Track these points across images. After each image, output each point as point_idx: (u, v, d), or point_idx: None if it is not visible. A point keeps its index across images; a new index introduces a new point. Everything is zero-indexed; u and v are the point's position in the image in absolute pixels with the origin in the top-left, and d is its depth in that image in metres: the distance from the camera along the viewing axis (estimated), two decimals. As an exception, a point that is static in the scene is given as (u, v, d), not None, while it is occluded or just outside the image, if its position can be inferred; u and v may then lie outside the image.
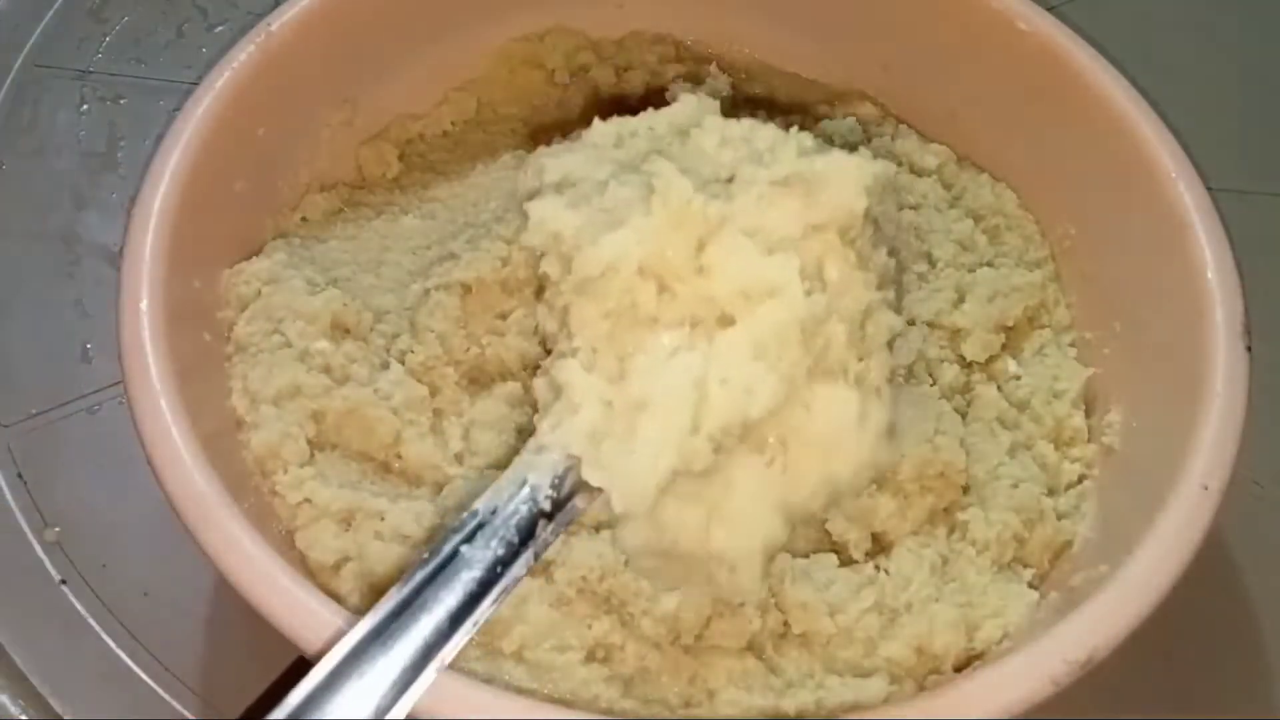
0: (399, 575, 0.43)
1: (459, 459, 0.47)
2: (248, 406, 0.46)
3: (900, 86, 0.59)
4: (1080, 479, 0.48)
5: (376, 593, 0.43)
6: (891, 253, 0.41)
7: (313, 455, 0.46)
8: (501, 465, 0.47)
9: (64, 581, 0.52)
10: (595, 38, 0.61)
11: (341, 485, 0.45)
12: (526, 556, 0.38)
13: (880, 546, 0.47)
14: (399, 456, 0.47)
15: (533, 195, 0.41)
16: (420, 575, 0.37)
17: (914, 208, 0.55)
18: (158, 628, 0.51)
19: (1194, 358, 0.44)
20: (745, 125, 0.41)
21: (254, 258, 0.50)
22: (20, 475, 0.55)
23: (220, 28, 0.71)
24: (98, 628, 0.51)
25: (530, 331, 0.51)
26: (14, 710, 0.48)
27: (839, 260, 0.39)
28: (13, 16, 0.70)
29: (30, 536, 0.53)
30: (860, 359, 0.40)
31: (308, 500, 0.45)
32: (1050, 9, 0.54)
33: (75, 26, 0.70)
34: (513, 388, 0.49)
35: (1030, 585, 0.45)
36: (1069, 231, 0.54)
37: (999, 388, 0.50)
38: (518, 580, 0.37)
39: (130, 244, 0.45)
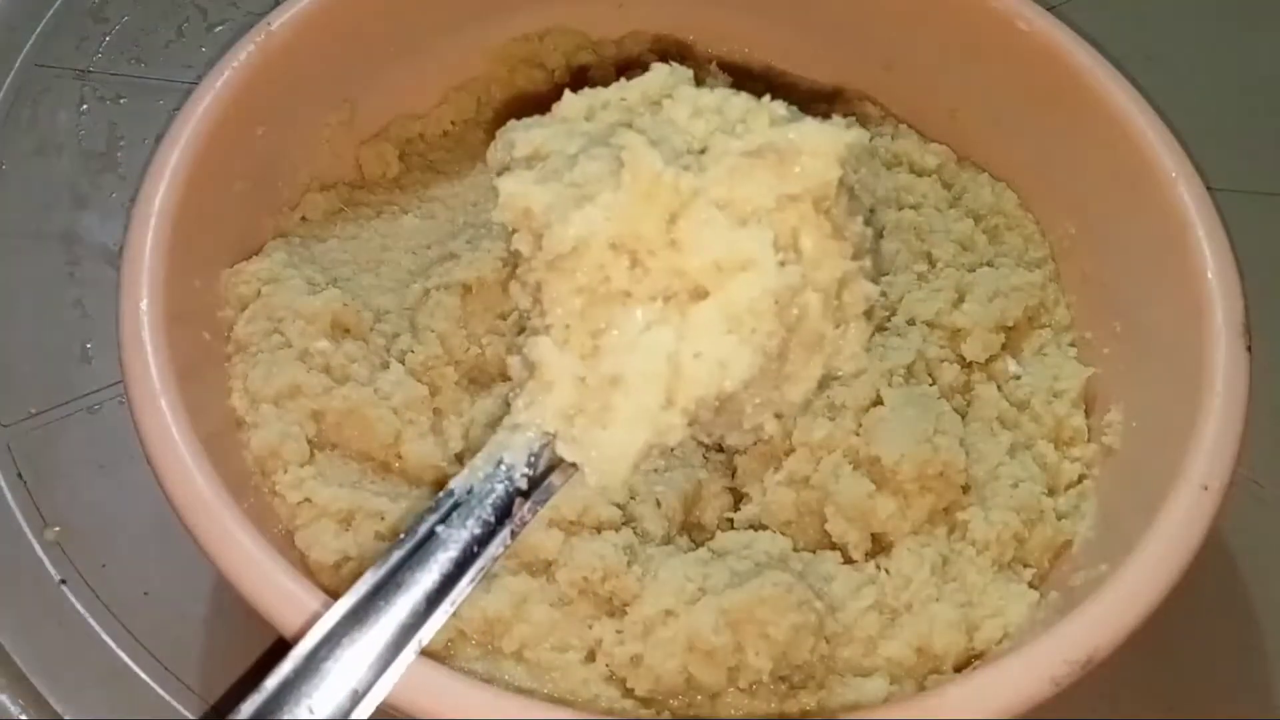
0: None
1: (459, 459, 0.47)
2: (248, 406, 0.46)
3: (900, 86, 0.59)
4: (1080, 479, 0.48)
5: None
6: (867, 221, 0.41)
7: (313, 455, 0.46)
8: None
9: (64, 581, 0.52)
10: (595, 38, 0.61)
11: (341, 485, 0.45)
12: (503, 535, 0.38)
13: (880, 546, 0.47)
14: (399, 456, 0.47)
15: (503, 170, 0.41)
16: (397, 556, 0.36)
17: (914, 207, 0.55)
18: (157, 627, 0.51)
19: (1194, 358, 0.44)
20: (718, 95, 0.40)
21: (254, 257, 0.50)
22: (20, 475, 0.55)
23: (220, 28, 0.71)
24: (97, 627, 0.51)
25: (530, 331, 0.51)
26: (14, 710, 0.48)
27: (813, 230, 0.38)
28: (13, 16, 0.70)
29: (30, 536, 0.53)
30: (837, 327, 0.39)
31: (308, 500, 0.45)
32: (1050, 9, 0.54)
33: (75, 26, 0.70)
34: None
35: (1030, 585, 0.45)
36: (1069, 231, 0.54)
37: (999, 387, 0.50)
38: (495, 559, 0.37)
39: (130, 244, 0.45)
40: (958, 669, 0.43)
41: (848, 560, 0.46)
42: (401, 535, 0.37)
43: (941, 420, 0.47)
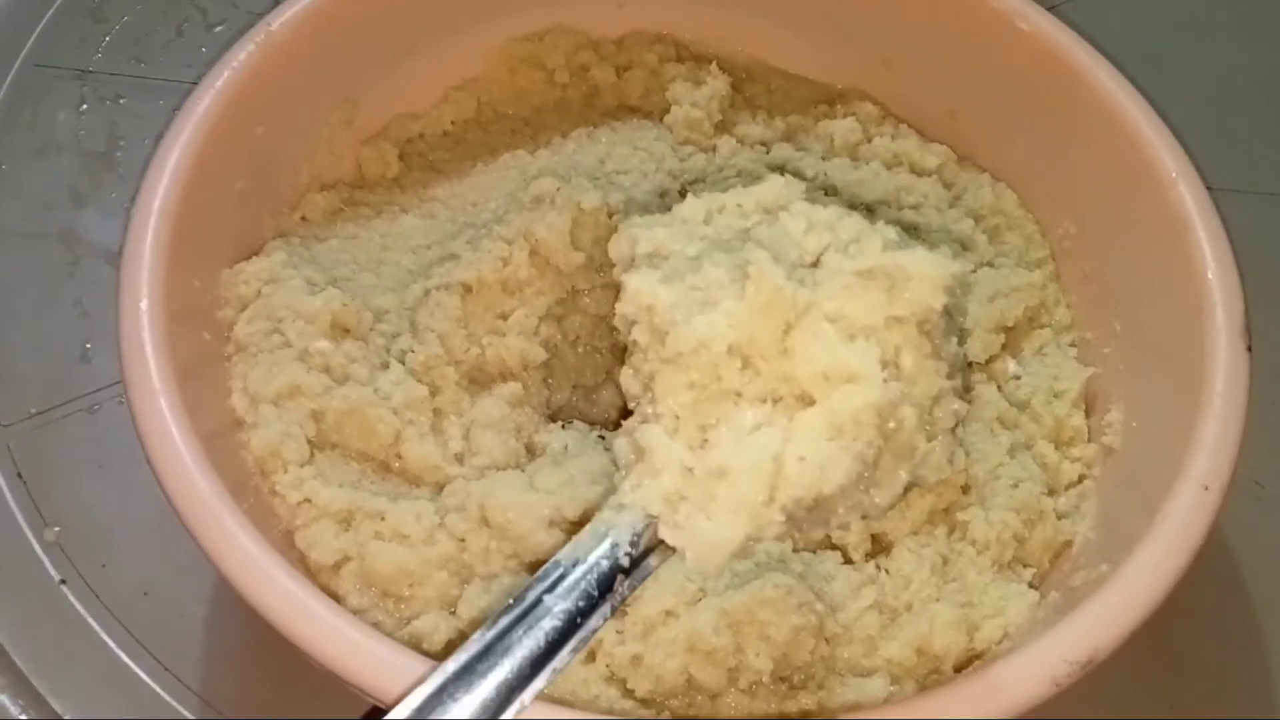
0: (399, 575, 0.43)
1: (459, 459, 0.47)
2: (248, 406, 0.46)
3: (901, 86, 0.59)
4: (1080, 479, 0.48)
5: (376, 593, 0.44)
6: (961, 341, 0.44)
7: (313, 455, 0.46)
8: (502, 465, 0.47)
9: (64, 581, 0.52)
10: (595, 38, 0.61)
11: (341, 485, 0.45)
12: (604, 609, 0.39)
13: (880, 547, 0.47)
14: (399, 456, 0.47)
15: (626, 265, 0.44)
16: (505, 620, 0.38)
17: (914, 208, 0.55)
18: (157, 627, 0.51)
19: (1194, 357, 0.44)
20: (832, 213, 0.43)
21: (254, 257, 0.50)
22: (20, 475, 0.54)
23: (220, 28, 0.71)
24: (97, 628, 0.51)
25: (530, 332, 0.51)
26: (13, 710, 0.48)
27: (915, 350, 0.41)
28: (13, 16, 0.70)
29: (30, 536, 0.53)
30: (929, 440, 0.42)
31: (308, 500, 0.45)
32: (1050, 9, 0.54)
33: (75, 26, 0.70)
34: (513, 388, 0.49)
35: (1030, 585, 0.45)
36: (1069, 231, 0.54)
37: (999, 388, 0.50)
38: (595, 631, 0.39)
39: (130, 243, 0.45)
40: (958, 669, 0.43)
41: (848, 560, 0.46)
42: (510, 601, 0.38)
43: (941, 420, 0.47)
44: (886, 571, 0.45)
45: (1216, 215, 0.47)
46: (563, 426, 0.50)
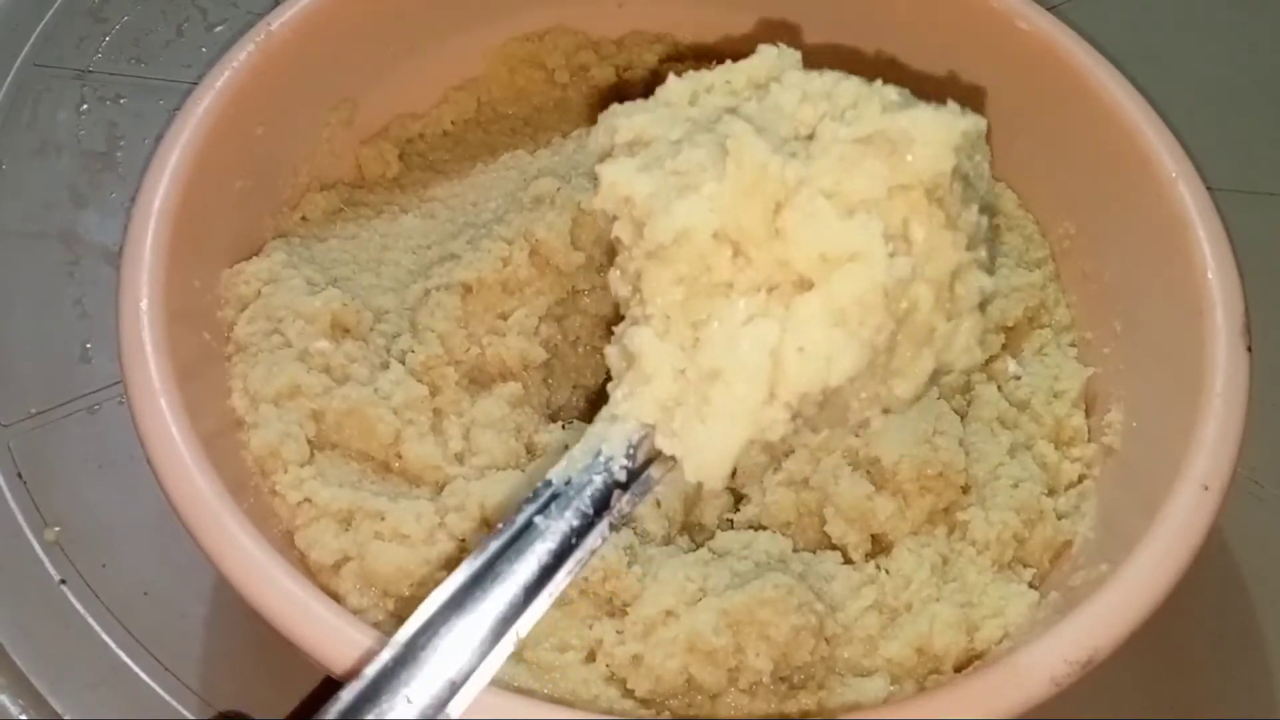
0: (399, 575, 0.43)
1: (459, 459, 0.47)
2: (248, 406, 0.46)
3: (900, 86, 0.59)
4: (1080, 479, 0.48)
5: (376, 593, 0.44)
6: (983, 209, 0.39)
7: (313, 455, 0.46)
8: (502, 465, 0.47)
9: (64, 581, 0.52)
10: (595, 37, 0.61)
11: (341, 485, 0.45)
12: (601, 527, 0.37)
13: (880, 547, 0.47)
14: (399, 456, 0.47)
15: (604, 156, 0.40)
16: (494, 545, 0.36)
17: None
18: (157, 627, 0.51)
19: (1194, 357, 0.44)
20: (828, 79, 0.38)
21: (254, 257, 0.50)
22: (20, 475, 0.54)
23: (220, 28, 0.71)
24: (97, 627, 0.51)
25: (530, 332, 0.51)
26: (14, 710, 0.48)
27: (925, 220, 0.36)
28: (13, 16, 0.70)
29: (30, 536, 0.53)
30: (949, 320, 0.38)
31: (308, 500, 0.45)
32: (1050, 9, 0.54)
33: (75, 26, 0.70)
34: (513, 388, 0.49)
35: (1030, 585, 0.45)
36: (1069, 231, 0.54)
37: (999, 388, 0.50)
38: (593, 552, 0.37)
39: (130, 243, 0.45)
40: (958, 669, 0.43)
41: (848, 560, 0.46)
42: (500, 525, 0.36)
43: (941, 421, 0.47)
44: (886, 571, 0.45)
45: (1216, 215, 0.47)
46: (563, 426, 0.50)
